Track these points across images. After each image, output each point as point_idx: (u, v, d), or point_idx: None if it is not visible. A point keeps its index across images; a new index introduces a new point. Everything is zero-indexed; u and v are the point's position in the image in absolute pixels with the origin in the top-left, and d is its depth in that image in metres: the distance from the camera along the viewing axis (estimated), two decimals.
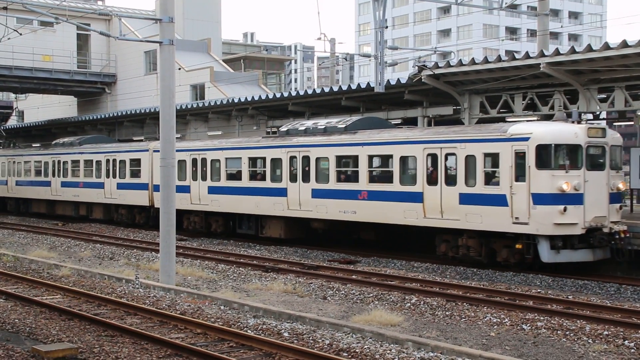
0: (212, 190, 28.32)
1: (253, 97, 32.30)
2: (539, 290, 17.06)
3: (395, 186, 21.68)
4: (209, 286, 18.06)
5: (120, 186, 33.58)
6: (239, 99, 33.05)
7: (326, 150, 23.79)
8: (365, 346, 11.61)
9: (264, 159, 26.18)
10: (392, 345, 11.75)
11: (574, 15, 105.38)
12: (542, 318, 13.94)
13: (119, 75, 49.77)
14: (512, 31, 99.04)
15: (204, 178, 28.71)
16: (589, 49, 19.70)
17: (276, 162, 25.58)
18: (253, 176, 26.71)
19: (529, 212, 18.52)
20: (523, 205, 18.60)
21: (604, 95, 21.64)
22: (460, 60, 22.85)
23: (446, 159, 20.45)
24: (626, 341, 12.24)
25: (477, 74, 22.82)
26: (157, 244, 20.44)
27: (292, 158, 24.92)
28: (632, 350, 11.79)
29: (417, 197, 21.00)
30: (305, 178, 24.41)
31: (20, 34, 26.06)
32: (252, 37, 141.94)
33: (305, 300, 16.20)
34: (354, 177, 23.07)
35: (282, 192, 25.14)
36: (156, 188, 29.80)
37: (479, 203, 19.55)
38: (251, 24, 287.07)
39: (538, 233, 18.53)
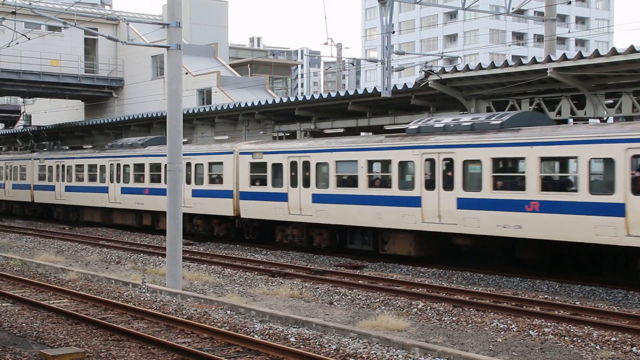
0: (317, 198, 24.33)
1: (260, 101, 32.35)
2: (546, 296, 17.01)
3: (582, 196, 17.73)
4: (216, 291, 18.07)
5: (196, 193, 29.74)
6: (246, 103, 33.12)
7: (477, 151, 19.88)
8: (372, 351, 11.60)
9: (388, 162, 22.33)
10: (398, 350, 11.74)
11: (581, 20, 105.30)
12: (549, 324, 13.90)
13: (126, 80, 49.93)
14: (518, 36, 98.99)
15: (306, 184, 24.78)
16: (596, 54, 19.67)
17: (406, 166, 21.86)
18: (373, 182, 22.95)
19: None
20: None
21: (611, 101, 21.59)
22: (467, 65, 22.81)
23: None
24: (634, 348, 12.18)
25: (484, 79, 22.81)
26: (164, 248, 20.47)
27: (428, 161, 21.06)
28: None
29: (616, 210, 17.06)
30: (447, 184, 20.51)
31: (29, 39, 26.15)
32: (258, 42, 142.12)
33: (311, 305, 16.19)
34: (518, 184, 19.28)
35: (415, 202, 21.27)
36: (243, 195, 27.37)
37: None
38: (258, 29, 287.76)
39: None
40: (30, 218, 43.31)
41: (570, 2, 29.88)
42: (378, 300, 16.59)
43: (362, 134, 30.48)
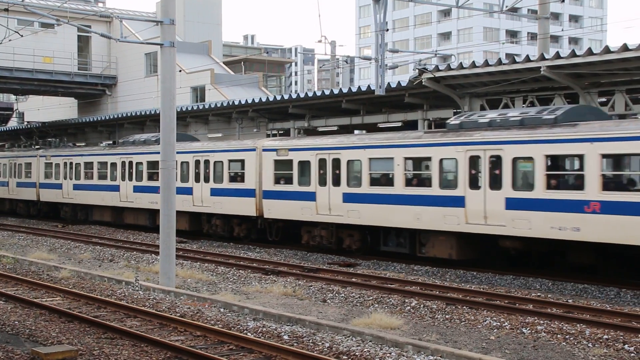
0: (348, 198, 23.12)
1: (253, 99, 32.35)
2: (538, 294, 17.05)
3: None
4: (209, 288, 18.06)
5: (215, 192, 28.47)
6: (240, 101, 33.12)
7: (528, 148, 18.61)
8: (365, 349, 11.60)
9: (428, 159, 21.18)
10: (391, 348, 11.75)
11: (574, 18, 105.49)
12: (542, 322, 13.93)
13: (119, 77, 49.83)
14: (512, 34, 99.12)
15: (336, 183, 23.52)
16: (590, 52, 19.72)
17: (447, 164, 20.69)
18: (410, 181, 21.74)
19: None
20: None
21: (604, 99, 21.66)
22: (461, 63, 22.86)
23: None
24: (626, 345, 12.22)
25: (478, 77, 22.85)
26: (157, 246, 20.45)
27: (472, 158, 19.84)
28: (632, 355, 11.77)
29: None
30: (494, 183, 19.30)
31: (21, 36, 26.07)
32: (252, 40, 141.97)
33: (305, 303, 16.19)
34: (575, 184, 18.09)
35: (457, 201, 20.06)
36: (266, 194, 26.09)
37: None
38: (252, 27, 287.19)
39: None
40: (36, 217, 42.06)
41: (563, 0, 29.95)
42: (371, 298, 16.60)
43: (356, 131, 30.51)
